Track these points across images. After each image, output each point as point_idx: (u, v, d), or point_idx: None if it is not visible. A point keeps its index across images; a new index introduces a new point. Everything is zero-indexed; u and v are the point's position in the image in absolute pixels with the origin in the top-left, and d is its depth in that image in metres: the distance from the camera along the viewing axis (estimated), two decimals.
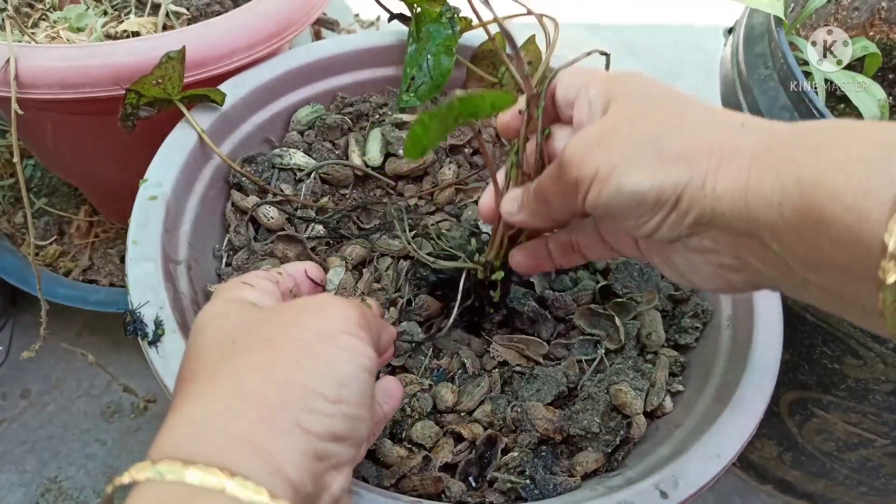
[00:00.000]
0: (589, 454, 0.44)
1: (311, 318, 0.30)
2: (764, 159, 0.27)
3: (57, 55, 0.55)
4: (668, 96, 0.33)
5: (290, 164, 0.56)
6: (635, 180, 0.30)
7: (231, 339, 0.29)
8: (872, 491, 0.67)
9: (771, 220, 0.27)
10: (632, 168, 0.30)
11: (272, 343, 0.28)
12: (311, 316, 0.30)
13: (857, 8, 0.69)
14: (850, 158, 0.24)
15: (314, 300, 0.31)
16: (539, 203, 0.36)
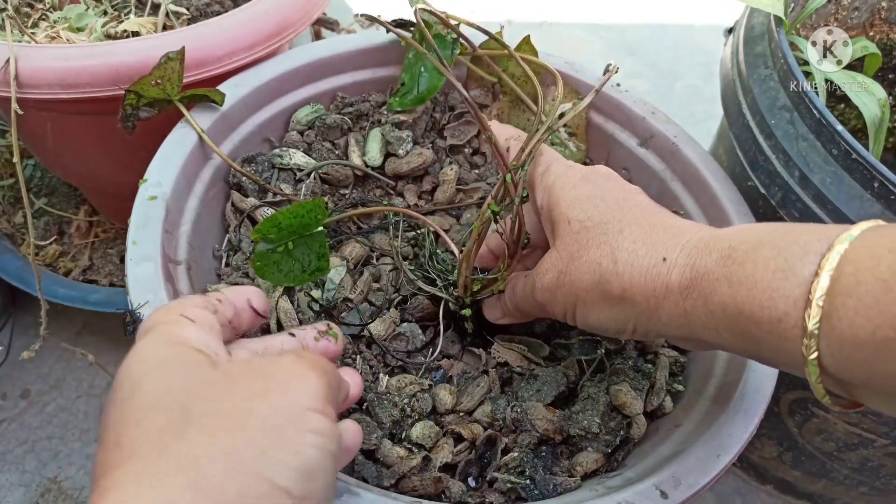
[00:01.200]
0: (589, 454, 0.44)
1: (278, 391, 0.27)
2: (692, 293, 0.32)
3: (57, 55, 0.55)
4: (601, 220, 0.37)
5: (290, 164, 0.56)
6: (595, 317, 0.37)
7: (181, 407, 0.25)
8: (872, 491, 0.67)
9: (714, 339, 0.32)
10: (589, 308, 0.37)
11: (235, 422, 0.25)
12: (277, 389, 0.27)
13: (857, 8, 0.69)
14: (759, 287, 0.29)
15: (280, 365, 0.28)
16: (522, 314, 0.45)
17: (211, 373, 0.27)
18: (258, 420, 0.25)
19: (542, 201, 0.41)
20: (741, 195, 0.55)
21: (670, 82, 1.31)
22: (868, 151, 0.46)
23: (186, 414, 0.25)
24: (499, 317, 0.47)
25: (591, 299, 0.36)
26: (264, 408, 0.26)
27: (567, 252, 0.37)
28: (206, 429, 0.24)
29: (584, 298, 0.36)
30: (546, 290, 0.38)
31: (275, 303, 0.48)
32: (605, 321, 0.36)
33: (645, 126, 0.61)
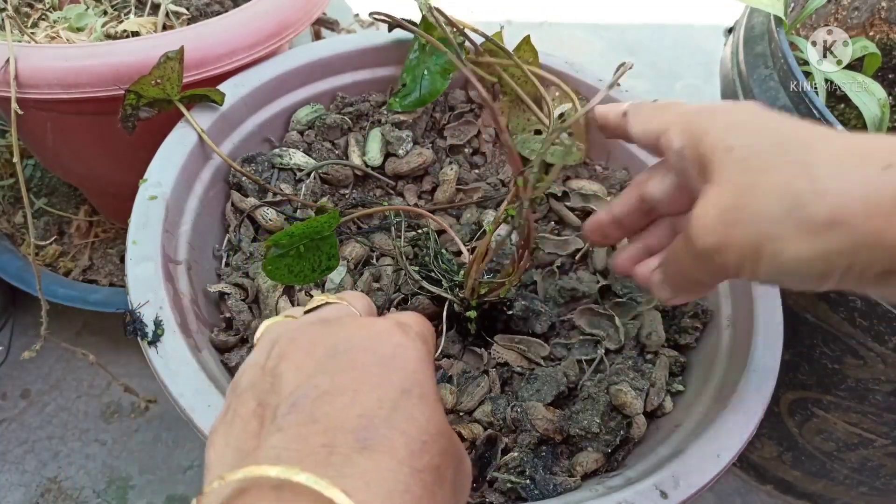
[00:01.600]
0: (589, 454, 0.44)
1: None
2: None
3: (57, 55, 0.55)
4: (774, 142, 0.30)
5: (290, 163, 0.56)
6: (793, 256, 0.28)
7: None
8: (872, 491, 0.67)
9: None
10: (783, 245, 0.28)
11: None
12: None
13: (857, 8, 0.69)
14: None
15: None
16: (691, 284, 0.36)
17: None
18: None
19: (679, 140, 0.34)
20: None
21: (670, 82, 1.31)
22: None
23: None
24: (669, 296, 0.38)
25: (784, 232, 0.28)
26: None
27: (735, 183, 0.30)
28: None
29: (774, 233, 0.28)
30: (713, 233, 0.30)
31: (274, 303, 0.48)
32: (809, 259, 0.28)
33: None
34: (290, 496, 0.24)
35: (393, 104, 0.61)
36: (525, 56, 0.62)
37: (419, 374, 0.29)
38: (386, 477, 0.25)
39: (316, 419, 0.26)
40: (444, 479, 0.27)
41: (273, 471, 0.24)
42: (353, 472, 0.24)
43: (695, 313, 0.52)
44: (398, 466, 0.25)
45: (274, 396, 0.28)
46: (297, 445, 0.25)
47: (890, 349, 0.49)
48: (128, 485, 0.74)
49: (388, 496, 0.24)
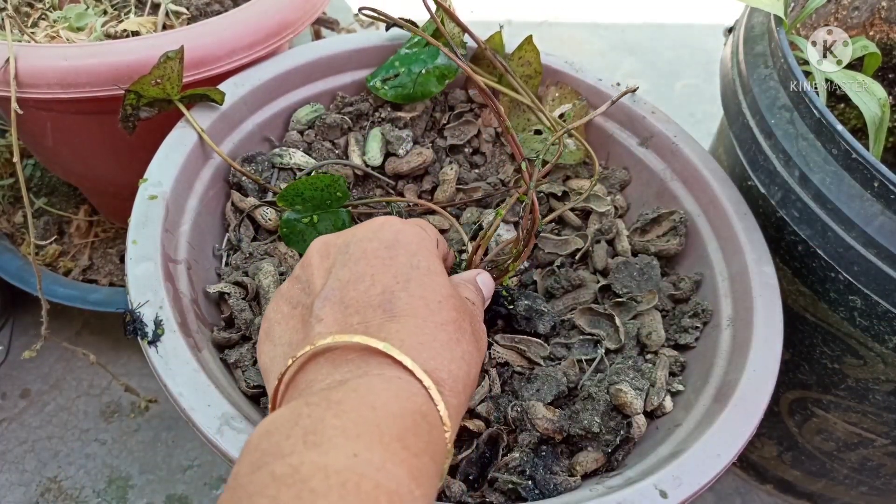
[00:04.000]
0: (589, 454, 0.44)
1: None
2: None
3: (57, 54, 0.55)
4: None
5: (290, 163, 0.56)
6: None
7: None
8: (872, 491, 0.67)
9: None
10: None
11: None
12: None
13: (857, 7, 0.69)
14: None
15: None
16: None
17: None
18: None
19: None
20: (741, 195, 0.55)
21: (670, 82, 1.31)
22: (868, 151, 0.46)
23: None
24: None
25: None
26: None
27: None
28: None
29: None
30: None
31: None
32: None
33: (645, 125, 0.61)
34: (341, 357, 0.30)
35: (377, 88, 0.60)
36: (527, 56, 0.62)
37: (422, 251, 0.34)
38: (415, 332, 0.31)
39: (347, 304, 0.32)
40: (463, 329, 0.33)
41: (330, 340, 0.30)
42: (389, 335, 0.30)
43: (695, 313, 0.52)
44: (423, 323, 0.31)
45: (306, 297, 0.34)
46: (338, 327, 0.31)
47: (890, 349, 0.49)
48: (128, 484, 0.74)
49: (421, 345, 0.30)
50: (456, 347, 0.32)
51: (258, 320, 0.48)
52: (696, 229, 0.56)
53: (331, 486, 0.23)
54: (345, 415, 0.26)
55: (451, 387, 0.30)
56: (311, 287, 0.34)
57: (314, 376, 0.30)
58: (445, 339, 0.31)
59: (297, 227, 0.52)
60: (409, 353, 0.30)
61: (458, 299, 0.34)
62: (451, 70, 0.59)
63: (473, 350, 0.33)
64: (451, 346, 0.31)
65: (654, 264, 0.54)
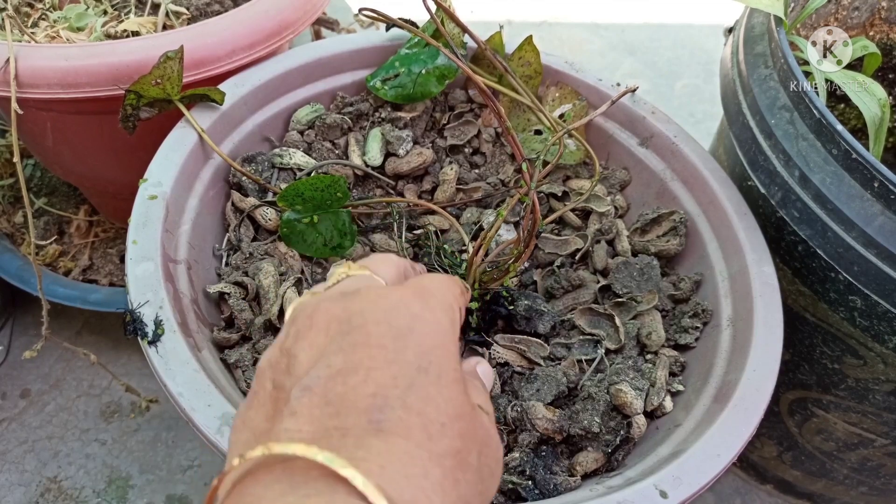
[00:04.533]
0: (589, 454, 0.44)
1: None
2: None
3: (57, 55, 0.55)
4: None
5: (290, 163, 0.56)
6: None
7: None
8: (872, 491, 0.67)
9: None
10: None
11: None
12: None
13: (857, 8, 0.69)
14: None
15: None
16: None
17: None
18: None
19: None
20: (741, 195, 0.55)
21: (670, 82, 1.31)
22: (868, 151, 0.46)
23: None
24: None
25: None
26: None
27: None
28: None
29: None
30: None
31: (281, 294, 0.48)
32: None
33: (645, 125, 0.61)
34: (301, 475, 0.23)
35: (379, 90, 0.60)
36: (527, 56, 0.62)
37: (438, 349, 0.27)
38: (402, 460, 0.24)
39: (329, 401, 0.25)
40: (466, 464, 0.26)
41: (290, 448, 0.23)
42: (368, 455, 0.23)
43: (695, 313, 0.52)
44: (415, 450, 0.24)
45: (289, 378, 0.27)
46: (309, 428, 0.25)
47: (890, 349, 0.49)
48: (128, 484, 0.74)
49: (406, 480, 0.23)
50: (452, 490, 0.24)
51: (258, 320, 0.48)
52: (696, 229, 0.56)
53: None
54: None
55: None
56: (296, 366, 0.27)
57: (264, 492, 0.23)
58: (439, 477, 0.24)
59: (297, 227, 0.52)
60: (389, 487, 0.23)
61: (469, 421, 0.27)
62: (451, 70, 0.59)
63: (474, 493, 0.26)
64: (445, 488, 0.24)
65: (654, 264, 0.54)
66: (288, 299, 0.48)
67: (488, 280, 0.47)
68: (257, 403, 0.28)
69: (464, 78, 0.64)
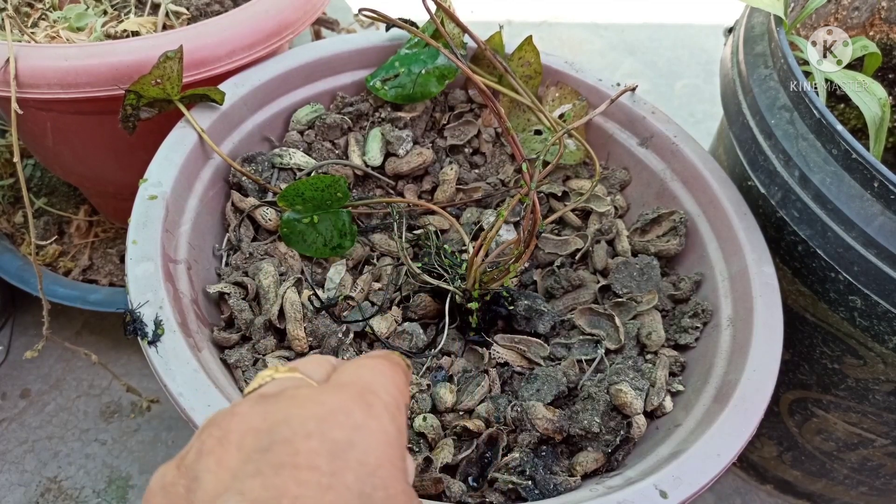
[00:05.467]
0: (589, 454, 0.44)
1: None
2: None
3: (57, 55, 0.55)
4: None
5: (290, 163, 0.56)
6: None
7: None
8: (872, 491, 0.67)
9: None
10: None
11: None
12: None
13: (857, 7, 0.69)
14: None
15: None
16: None
17: None
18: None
19: None
20: (741, 195, 0.55)
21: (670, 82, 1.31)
22: (868, 151, 0.46)
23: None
24: None
25: None
26: None
27: None
28: None
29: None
30: None
31: (282, 294, 0.48)
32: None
33: (645, 125, 0.61)
34: None
35: (379, 90, 0.60)
36: (527, 56, 0.62)
37: (384, 467, 0.22)
38: None
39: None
40: None
41: None
42: None
43: (695, 313, 0.52)
44: None
45: (185, 502, 0.22)
46: None
47: (890, 349, 0.49)
48: (128, 484, 0.74)
49: None
50: None
51: (258, 320, 0.48)
52: (696, 229, 0.56)
53: None
54: None
55: None
56: (197, 492, 0.21)
57: None
58: None
59: (297, 227, 0.52)
60: None
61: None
62: (451, 70, 0.59)
63: None
64: None
65: (654, 264, 0.54)
66: (288, 299, 0.47)
67: (488, 280, 0.47)
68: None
69: (464, 78, 0.63)
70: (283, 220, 0.52)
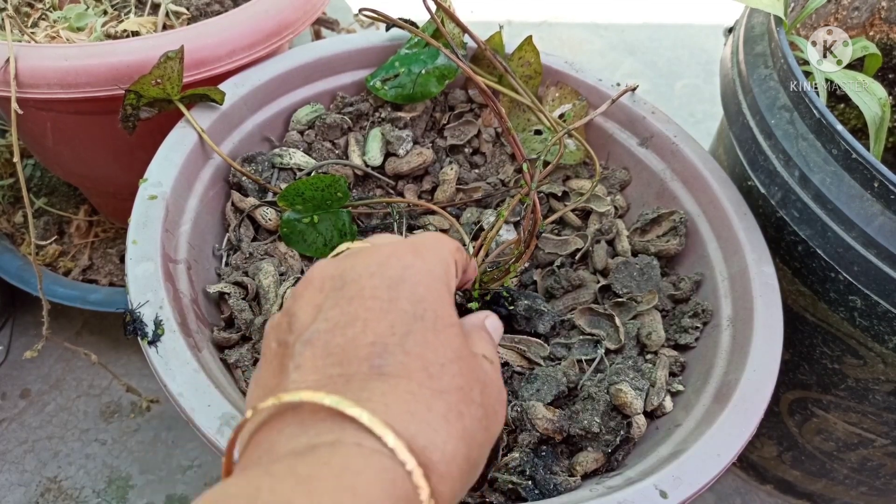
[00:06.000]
0: (589, 454, 0.44)
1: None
2: None
3: (57, 54, 0.55)
4: None
5: (290, 163, 0.56)
6: None
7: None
8: (872, 491, 0.67)
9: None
10: None
11: None
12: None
13: (857, 8, 0.69)
14: None
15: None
16: None
17: None
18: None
19: None
20: (741, 195, 0.55)
21: (670, 82, 1.31)
22: (868, 151, 0.46)
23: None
24: None
25: None
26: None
27: None
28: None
29: None
30: None
31: (282, 293, 0.48)
32: None
33: (645, 125, 0.61)
34: (311, 418, 0.25)
35: (379, 90, 0.60)
36: (527, 56, 0.62)
37: (431, 295, 0.29)
38: (405, 398, 0.25)
39: (330, 352, 0.27)
40: (469, 399, 0.27)
41: (298, 396, 0.25)
42: (372, 396, 0.25)
43: (695, 313, 0.52)
44: (417, 388, 0.25)
45: (291, 336, 0.29)
46: (314, 377, 0.26)
47: (890, 349, 0.49)
48: (128, 484, 0.74)
49: (410, 415, 0.25)
50: (456, 422, 0.26)
51: (258, 320, 0.48)
52: (696, 229, 0.56)
53: None
54: (317, 496, 0.21)
55: (444, 472, 0.24)
56: (296, 324, 0.29)
57: (277, 436, 0.25)
58: (444, 411, 0.26)
59: (297, 227, 0.52)
60: (394, 423, 0.24)
61: (469, 361, 0.28)
62: (451, 70, 0.59)
63: (479, 427, 0.27)
64: (449, 420, 0.26)
65: (654, 264, 0.54)
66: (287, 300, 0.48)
67: (488, 280, 0.47)
68: (265, 363, 0.29)
69: (464, 78, 0.63)
70: (284, 220, 0.52)
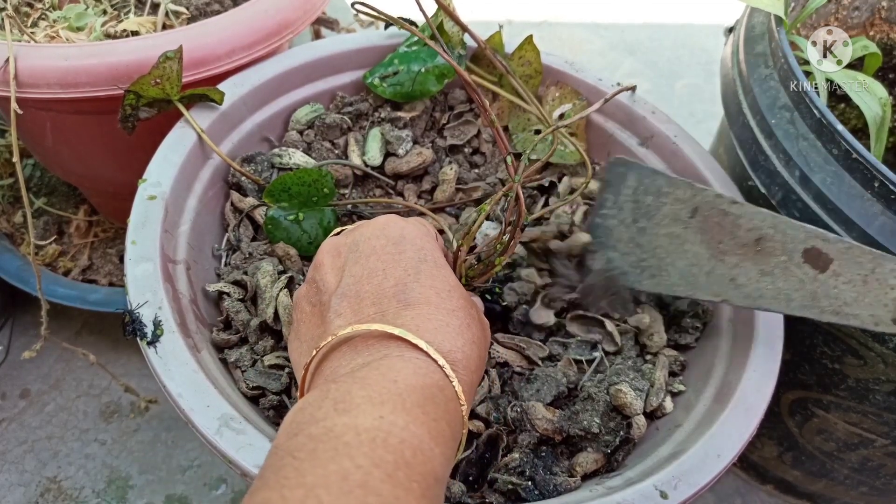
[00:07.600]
0: (589, 454, 0.44)
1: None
2: None
3: (56, 54, 0.55)
4: None
5: (290, 163, 0.56)
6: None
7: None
8: (873, 491, 0.67)
9: None
10: None
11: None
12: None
13: (857, 7, 0.69)
14: None
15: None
16: None
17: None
18: None
19: None
20: (742, 195, 0.55)
21: (670, 82, 1.31)
22: (869, 151, 0.46)
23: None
24: None
25: None
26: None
27: None
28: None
29: None
30: None
31: (275, 295, 0.48)
32: None
33: (645, 125, 0.61)
34: (362, 344, 0.33)
35: (377, 87, 0.60)
36: (527, 56, 0.62)
37: (427, 246, 0.37)
38: (429, 318, 0.33)
39: (362, 297, 0.34)
40: (472, 316, 0.36)
41: (348, 330, 0.33)
42: (406, 322, 0.33)
43: (695, 313, 0.52)
44: (435, 310, 0.34)
45: (323, 295, 0.36)
46: (357, 317, 0.34)
47: (890, 349, 0.49)
48: (127, 485, 0.73)
49: (436, 331, 0.33)
50: (467, 332, 0.34)
51: (253, 322, 0.48)
52: None
53: (362, 441, 0.26)
54: (369, 387, 0.29)
55: (465, 366, 0.33)
56: (326, 286, 0.36)
57: (338, 363, 0.33)
58: (457, 325, 0.34)
59: (282, 224, 0.52)
60: (425, 336, 0.32)
61: (463, 290, 0.37)
62: (451, 69, 0.59)
63: (481, 334, 0.36)
64: (462, 331, 0.34)
65: None
66: (281, 303, 0.47)
67: (474, 276, 0.46)
68: (303, 323, 0.37)
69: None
70: (268, 217, 0.52)
